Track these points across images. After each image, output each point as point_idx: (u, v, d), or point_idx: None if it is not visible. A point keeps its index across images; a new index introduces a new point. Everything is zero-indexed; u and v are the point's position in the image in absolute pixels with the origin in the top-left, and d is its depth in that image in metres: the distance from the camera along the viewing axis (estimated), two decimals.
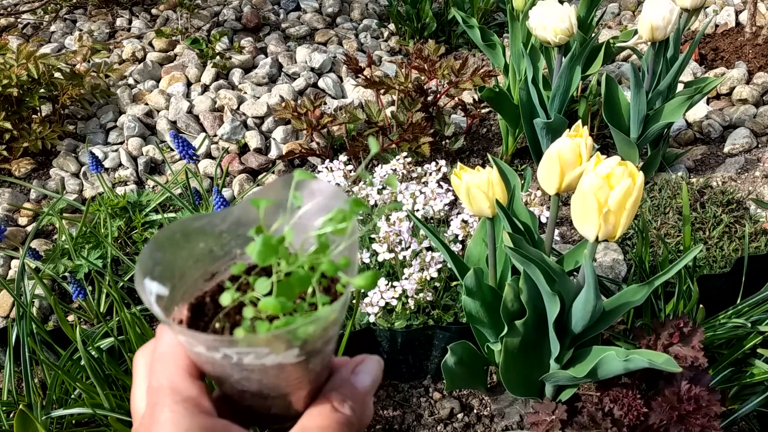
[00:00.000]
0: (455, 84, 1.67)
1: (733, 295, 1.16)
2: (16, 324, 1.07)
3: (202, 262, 0.33)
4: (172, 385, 0.30)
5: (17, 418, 0.90)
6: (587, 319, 0.86)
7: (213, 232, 0.33)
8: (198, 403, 0.30)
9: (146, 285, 0.30)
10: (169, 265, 0.32)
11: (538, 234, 0.98)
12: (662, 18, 1.30)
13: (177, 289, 0.32)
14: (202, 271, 0.33)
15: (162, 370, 0.31)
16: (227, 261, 0.34)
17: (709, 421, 0.82)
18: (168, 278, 0.32)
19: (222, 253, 0.34)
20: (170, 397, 0.30)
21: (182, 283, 0.33)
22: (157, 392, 0.30)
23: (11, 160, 1.72)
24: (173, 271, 0.32)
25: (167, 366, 0.31)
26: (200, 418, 0.29)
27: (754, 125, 1.75)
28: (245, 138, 1.77)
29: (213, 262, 0.34)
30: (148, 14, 2.37)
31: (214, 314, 0.32)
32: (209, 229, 0.33)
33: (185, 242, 0.33)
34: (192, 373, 0.31)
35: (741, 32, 2.09)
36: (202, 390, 0.31)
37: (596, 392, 0.95)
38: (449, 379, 1.04)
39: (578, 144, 0.80)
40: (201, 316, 0.32)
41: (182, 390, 0.30)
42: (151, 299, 0.30)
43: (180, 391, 0.30)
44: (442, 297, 1.16)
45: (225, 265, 0.34)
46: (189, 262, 0.33)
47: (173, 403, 0.29)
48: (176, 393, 0.30)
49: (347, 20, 2.36)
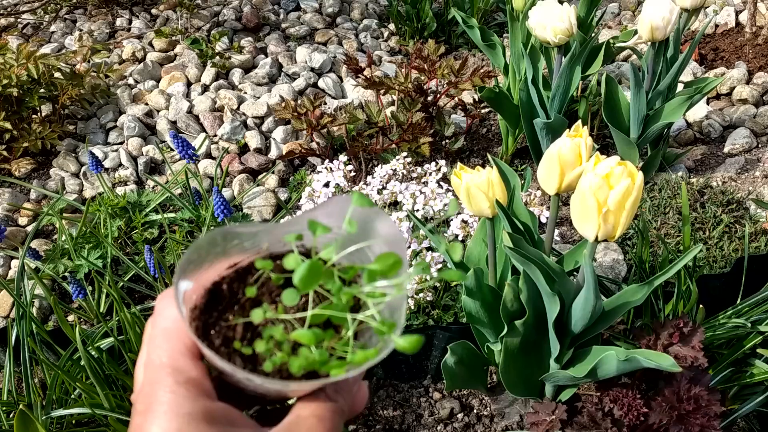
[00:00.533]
0: (455, 84, 1.67)
1: (733, 295, 1.16)
2: (16, 324, 1.07)
3: (229, 254, 0.32)
4: (174, 363, 0.29)
5: (17, 418, 0.90)
6: (587, 319, 0.86)
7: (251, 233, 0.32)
8: (200, 385, 0.29)
9: (180, 286, 0.29)
10: (200, 262, 0.31)
11: (538, 234, 0.98)
12: (662, 18, 1.29)
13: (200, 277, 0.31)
14: (227, 260, 0.32)
15: (163, 346, 0.30)
16: (253, 254, 0.33)
17: (708, 420, 0.82)
18: (197, 271, 0.31)
19: (251, 246, 0.33)
20: (171, 377, 0.29)
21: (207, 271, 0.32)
22: (157, 369, 0.29)
23: (11, 160, 1.72)
24: (203, 264, 0.31)
25: (169, 342, 0.30)
26: (202, 402, 0.29)
27: (754, 125, 1.75)
28: (245, 138, 1.77)
29: (240, 253, 0.32)
30: (148, 14, 2.37)
31: (228, 304, 0.31)
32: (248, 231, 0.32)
33: (222, 242, 0.32)
34: (194, 352, 0.30)
35: (741, 32, 2.09)
36: (204, 372, 0.30)
37: (596, 392, 0.95)
38: (449, 379, 1.04)
39: (578, 144, 0.80)
40: (216, 305, 0.31)
41: (184, 370, 0.29)
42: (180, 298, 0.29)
43: (182, 371, 0.29)
44: (442, 297, 1.16)
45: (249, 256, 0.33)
46: (220, 257, 0.32)
47: (174, 384, 0.29)
48: (178, 373, 0.29)
49: (347, 20, 2.36)
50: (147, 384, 0.29)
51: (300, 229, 0.31)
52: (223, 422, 0.29)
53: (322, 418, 0.30)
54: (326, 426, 0.30)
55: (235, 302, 0.31)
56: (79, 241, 1.35)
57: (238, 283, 0.31)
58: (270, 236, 0.32)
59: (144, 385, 0.29)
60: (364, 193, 1.25)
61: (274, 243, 0.32)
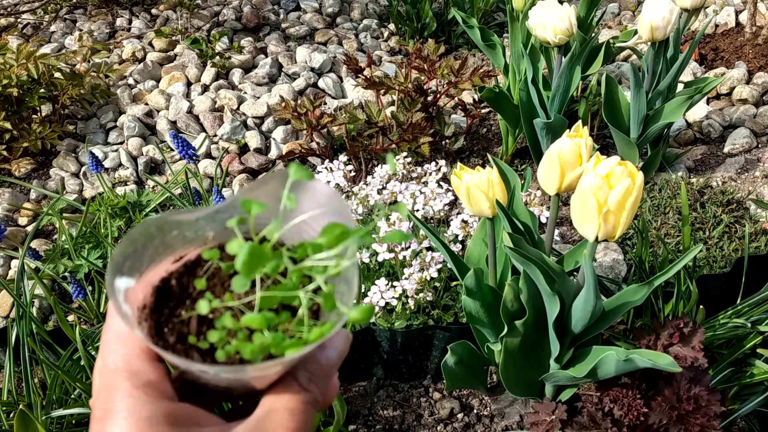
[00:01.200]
0: (455, 84, 1.67)
1: (733, 295, 1.16)
2: (16, 324, 1.07)
3: (173, 247, 0.31)
4: (130, 367, 0.28)
5: (17, 418, 0.90)
6: (587, 319, 0.86)
7: (190, 220, 0.31)
8: (158, 387, 0.28)
9: (116, 284, 0.28)
10: (139, 257, 0.30)
11: (538, 234, 0.98)
12: (662, 18, 1.29)
13: (145, 274, 0.30)
14: (171, 254, 0.31)
15: (117, 350, 0.29)
16: (199, 245, 0.31)
17: (708, 420, 0.82)
18: (137, 269, 0.30)
19: (194, 236, 0.31)
20: (128, 381, 0.28)
21: (149, 268, 0.30)
22: (113, 374, 0.28)
23: (11, 160, 1.72)
24: (143, 261, 0.30)
25: (123, 345, 0.29)
26: (162, 404, 0.28)
27: (754, 125, 1.75)
28: (245, 138, 1.77)
29: (184, 245, 0.31)
30: (148, 14, 2.37)
31: (180, 299, 0.30)
32: (186, 219, 0.31)
33: (159, 234, 0.30)
34: (151, 354, 0.29)
35: (741, 32, 2.09)
36: (163, 373, 0.29)
37: (596, 392, 0.95)
38: (449, 379, 1.04)
39: (578, 144, 0.80)
40: (166, 301, 0.30)
41: (141, 373, 0.28)
42: (120, 298, 0.28)
43: (139, 374, 0.28)
44: (442, 297, 1.16)
45: (195, 247, 0.31)
46: (160, 249, 0.30)
47: (132, 388, 0.28)
48: (135, 376, 0.28)
49: (347, 20, 2.36)
50: (103, 390, 0.28)
51: (240, 211, 0.30)
52: (187, 423, 0.28)
53: (293, 411, 0.29)
54: (298, 419, 0.29)
55: (186, 297, 0.30)
56: (79, 241, 1.35)
57: (188, 276, 0.30)
58: (212, 223, 0.31)
59: (100, 391, 0.29)
60: (363, 192, 1.25)
61: (220, 230, 0.31)
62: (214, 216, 0.31)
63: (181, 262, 0.31)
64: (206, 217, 0.31)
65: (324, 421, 1.06)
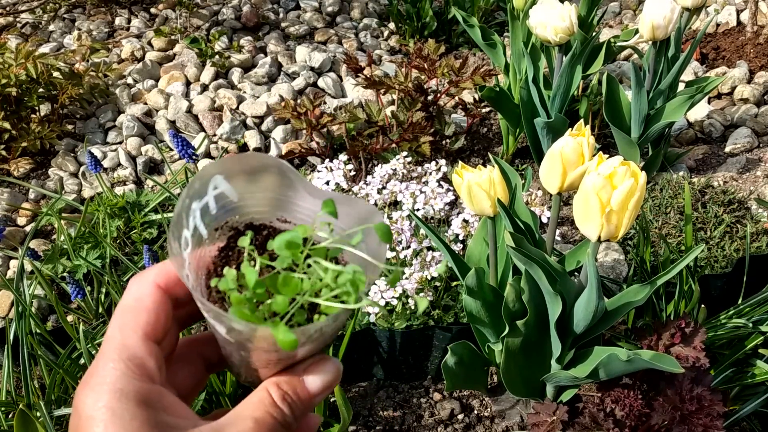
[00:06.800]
0: (456, 83, 1.67)
1: (735, 295, 1.16)
2: (15, 324, 1.06)
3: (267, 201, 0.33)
4: (123, 339, 0.30)
5: (17, 418, 0.89)
6: (589, 319, 0.86)
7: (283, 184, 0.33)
8: (141, 364, 0.29)
9: (216, 180, 0.30)
10: (242, 182, 0.32)
11: (539, 233, 0.98)
12: (663, 17, 1.29)
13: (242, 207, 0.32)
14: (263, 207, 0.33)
15: (118, 321, 0.30)
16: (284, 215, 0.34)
17: (711, 420, 0.82)
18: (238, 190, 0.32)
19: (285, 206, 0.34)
20: (116, 352, 0.29)
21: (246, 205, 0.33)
22: (107, 342, 0.30)
23: (10, 160, 1.71)
24: (244, 188, 0.32)
25: (125, 318, 0.30)
26: (138, 382, 0.28)
27: (756, 125, 1.75)
28: (245, 138, 1.77)
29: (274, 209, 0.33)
30: (147, 13, 2.37)
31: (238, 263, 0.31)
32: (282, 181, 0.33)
33: (261, 175, 0.33)
34: (148, 332, 0.30)
35: (742, 31, 2.09)
36: (151, 352, 0.30)
37: (597, 393, 0.95)
38: (449, 380, 1.04)
39: (580, 143, 0.79)
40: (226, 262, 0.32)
41: (130, 347, 0.29)
42: (212, 192, 0.31)
43: (128, 347, 0.29)
44: (442, 297, 1.15)
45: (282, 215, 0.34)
46: (257, 194, 0.33)
47: (118, 359, 0.29)
48: (124, 349, 0.29)
49: (347, 19, 2.35)
50: (98, 355, 0.30)
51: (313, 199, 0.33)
52: (156, 406, 0.28)
53: (259, 421, 0.29)
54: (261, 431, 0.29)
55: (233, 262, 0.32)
56: (77, 241, 1.34)
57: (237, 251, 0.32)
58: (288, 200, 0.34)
59: (97, 356, 0.30)
60: (363, 192, 1.25)
61: None
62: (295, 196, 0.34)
63: None
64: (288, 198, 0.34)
65: (325, 422, 1.06)
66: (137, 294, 0.31)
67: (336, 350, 1.06)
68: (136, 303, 0.30)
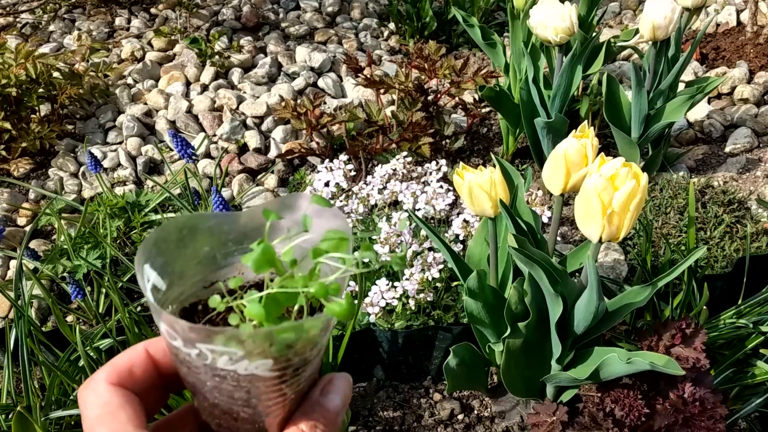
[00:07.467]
0: (457, 84, 1.67)
1: (735, 296, 1.16)
2: (14, 325, 1.06)
3: (204, 266, 0.33)
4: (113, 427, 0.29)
5: (15, 420, 0.89)
6: (589, 320, 0.86)
7: (219, 238, 0.33)
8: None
9: (145, 271, 0.30)
10: (171, 260, 0.32)
11: (541, 234, 0.98)
12: (664, 17, 1.29)
13: (174, 287, 0.32)
14: (202, 277, 0.33)
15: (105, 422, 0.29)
16: (229, 272, 0.34)
17: (714, 423, 0.82)
18: (167, 273, 0.32)
19: (224, 263, 0.34)
20: None
21: (180, 282, 0.32)
22: None
23: (10, 160, 1.71)
24: (174, 267, 0.32)
25: (109, 425, 0.29)
26: None
27: (756, 125, 1.75)
28: (244, 138, 1.76)
29: (214, 270, 0.33)
30: (147, 13, 2.36)
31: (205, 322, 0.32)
32: (216, 232, 0.33)
33: (191, 240, 0.33)
34: (135, 423, 0.30)
35: (742, 31, 2.09)
36: None
37: (597, 393, 0.95)
38: (451, 381, 1.04)
39: (584, 144, 0.79)
40: (191, 321, 0.31)
41: None
42: (147, 286, 0.30)
43: None
44: (442, 297, 1.15)
45: (226, 276, 0.34)
46: (191, 263, 0.33)
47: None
48: None
49: (347, 19, 2.35)
50: None
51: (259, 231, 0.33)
52: None
53: None
54: None
55: None
56: (77, 242, 1.34)
57: None
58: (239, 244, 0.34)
59: None
60: (364, 192, 1.25)
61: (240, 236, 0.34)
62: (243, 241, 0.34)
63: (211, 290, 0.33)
64: (235, 241, 0.34)
65: None
66: (99, 400, 0.30)
67: (336, 350, 1.06)
68: (108, 407, 0.30)
